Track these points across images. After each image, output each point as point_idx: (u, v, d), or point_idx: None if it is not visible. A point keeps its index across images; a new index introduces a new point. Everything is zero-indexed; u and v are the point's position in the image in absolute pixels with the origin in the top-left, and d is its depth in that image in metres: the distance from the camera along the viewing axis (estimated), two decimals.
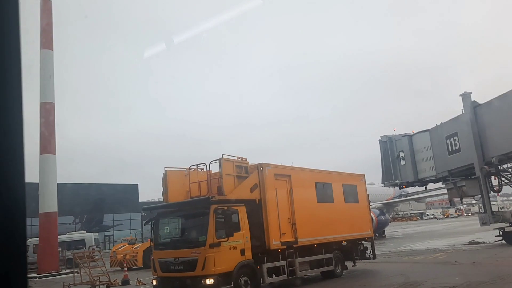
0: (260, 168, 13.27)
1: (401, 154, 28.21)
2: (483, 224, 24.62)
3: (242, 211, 12.29)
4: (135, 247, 26.16)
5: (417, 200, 71.84)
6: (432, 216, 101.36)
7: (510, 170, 24.31)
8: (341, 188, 16.52)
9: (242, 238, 12.01)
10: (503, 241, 23.47)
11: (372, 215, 25.63)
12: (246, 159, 13.43)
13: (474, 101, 23.65)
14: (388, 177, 29.23)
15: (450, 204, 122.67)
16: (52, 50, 30.17)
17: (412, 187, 32.89)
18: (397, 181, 28.86)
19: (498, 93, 22.24)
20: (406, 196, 55.43)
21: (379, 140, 29.57)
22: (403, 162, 28.18)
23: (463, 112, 24.12)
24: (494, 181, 24.36)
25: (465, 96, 24.00)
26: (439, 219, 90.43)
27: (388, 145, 28.88)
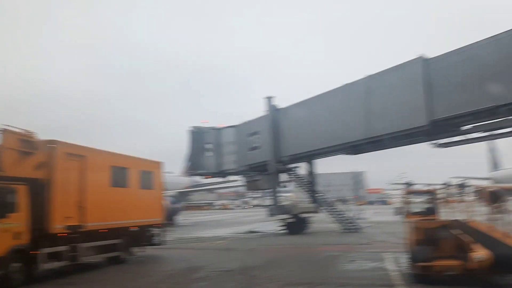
0: (50, 145, 12.17)
1: (208, 146, 29.73)
2: (270, 215, 27.83)
3: (22, 191, 11.08)
4: None
5: (209, 190, 76.31)
6: (222, 206, 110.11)
7: (296, 169, 28.20)
8: (137, 174, 16.41)
9: (18, 220, 10.83)
10: (286, 231, 26.91)
11: (165, 202, 26.16)
12: (34, 134, 12.11)
13: (275, 104, 26.60)
14: (194, 166, 30.43)
15: (238, 197, 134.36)
16: None
17: (213, 178, 34.88)
18: (201, 171, 30.24)
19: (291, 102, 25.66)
20: (200, 187, 58.35)
21: (189, 130, 30.48)
22: (209, 154, 29.70)
23: (265, 113, 26.87)
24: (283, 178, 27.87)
25: (269, 100, 26.81)
26: (246, 208, 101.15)
27: (197, 136, 30.04)
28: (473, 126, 16.44)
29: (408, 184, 14.02)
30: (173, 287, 10.53)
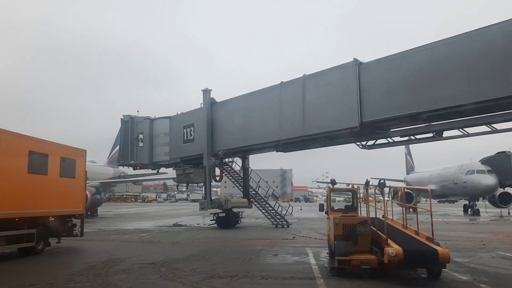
0: None
1: (141, 136, 28.94)
2: (201, 208, 27.62)
3: None
4: None
5: (134, 182, 74.10)
6: (147, 199, 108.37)
7: (230, 163, 28.27)
8: (58, 161, 15.56)
9: None
10: (216, 225, 26.88)
11: (87, 192, 25.07)
12: None
13: (213, 98, 26.38)
14: (125, 156, 29.47)
15: (164, 190, 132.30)
16: None
17: (144, 170, 33.96)
18: (132, 161, 29.34)
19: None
20: (126, 178, 56.43)
21: (121, 119, 29.55)
22: (141, 144, 28.93)
23: (202, 106, 26.55)
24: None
25: (206, 92, 26.49)
26: (172, 202, 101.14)
27: (129, 125, 29.13)
28: (396, 130, 17.45)
29: (331, 183, 14.62)
30: (93, 279, 10.09)
